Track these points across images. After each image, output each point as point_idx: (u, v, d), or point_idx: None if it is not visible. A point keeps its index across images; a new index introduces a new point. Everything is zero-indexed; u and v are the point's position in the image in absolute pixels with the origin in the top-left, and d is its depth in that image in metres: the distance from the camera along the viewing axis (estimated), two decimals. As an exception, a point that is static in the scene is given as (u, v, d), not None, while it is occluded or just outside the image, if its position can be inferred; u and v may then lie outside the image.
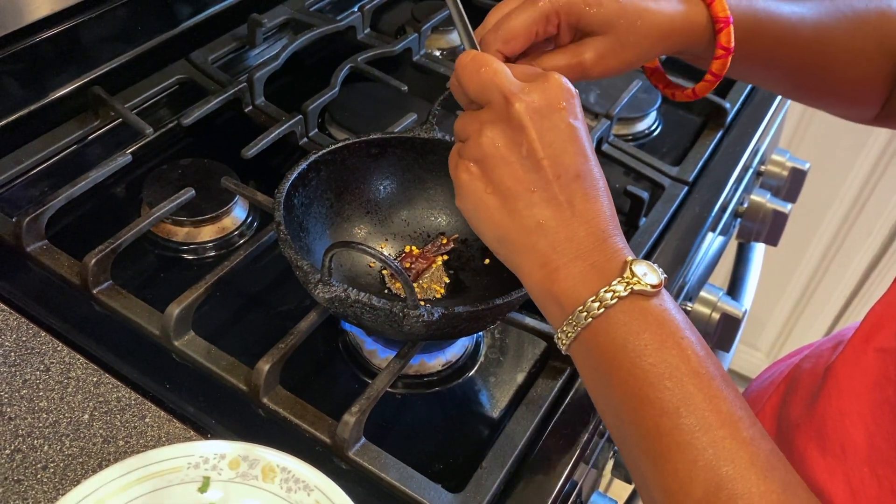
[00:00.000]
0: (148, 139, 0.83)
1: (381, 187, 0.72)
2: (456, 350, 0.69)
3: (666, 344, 0.44)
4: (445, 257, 0.71)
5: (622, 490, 0.78)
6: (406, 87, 0.88)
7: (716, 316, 0.84)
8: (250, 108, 0.86)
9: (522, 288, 0.59)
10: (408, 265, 0.69)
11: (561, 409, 0.64)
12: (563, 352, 0.48)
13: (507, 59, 0.53)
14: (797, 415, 0.61)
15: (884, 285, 1.57)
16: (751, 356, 1.83)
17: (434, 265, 0.70)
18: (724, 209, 0.90)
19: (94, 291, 0.66)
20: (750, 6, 0.59)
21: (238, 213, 0.77)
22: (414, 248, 0.72)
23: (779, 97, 1.03)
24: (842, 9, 0.62)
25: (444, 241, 0.71)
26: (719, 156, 0.93)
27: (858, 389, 0.56)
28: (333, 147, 0.68)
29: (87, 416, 0.59)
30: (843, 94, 0.66)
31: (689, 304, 0.87)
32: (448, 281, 0.70)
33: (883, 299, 0.58)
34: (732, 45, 0.57)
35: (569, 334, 0.47)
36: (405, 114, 0.85)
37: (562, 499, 0.61)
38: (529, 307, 0.74)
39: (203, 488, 0.53)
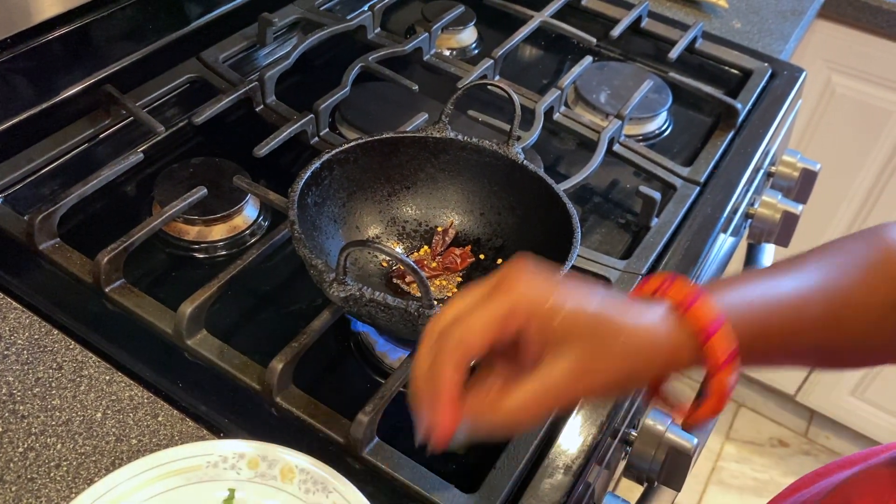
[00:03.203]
0: (159, 138, 0.82)
1: (393, 187, 0.72)
2: (468, 350, 0.68)
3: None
4: (462, 270, 0.70)
5: (632, 491, 0.77)
6: (417, 87, 0.88)
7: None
8: (261, 107, 0.86)
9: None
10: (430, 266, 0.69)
11: (574, 410, 0.64)
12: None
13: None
14: None
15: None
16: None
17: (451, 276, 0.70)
18: (735, 210, 0.89)
19: (107, 290, 0.66)
20: (742, 305, 0.48)
21: (249, 212, 0.77)
22: (426, 247, 0.71)
23: (789, 98, 1.03)
24: (846, 265, 0.53)
25: (440, 229, 0.72)
26: (731, 156, 0.93)
27: None
28: (346, 146, 0.67)
29: (99, 415, 0.59)
30: (868, 358, 0.57)
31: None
32: (461, 280, 0.70)
33: None
34: (723, 359, 0.46)
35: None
36: (416, 113, 0.85)
37: (575, 500, 0.60)
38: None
39: (229, 501, 0.53)
